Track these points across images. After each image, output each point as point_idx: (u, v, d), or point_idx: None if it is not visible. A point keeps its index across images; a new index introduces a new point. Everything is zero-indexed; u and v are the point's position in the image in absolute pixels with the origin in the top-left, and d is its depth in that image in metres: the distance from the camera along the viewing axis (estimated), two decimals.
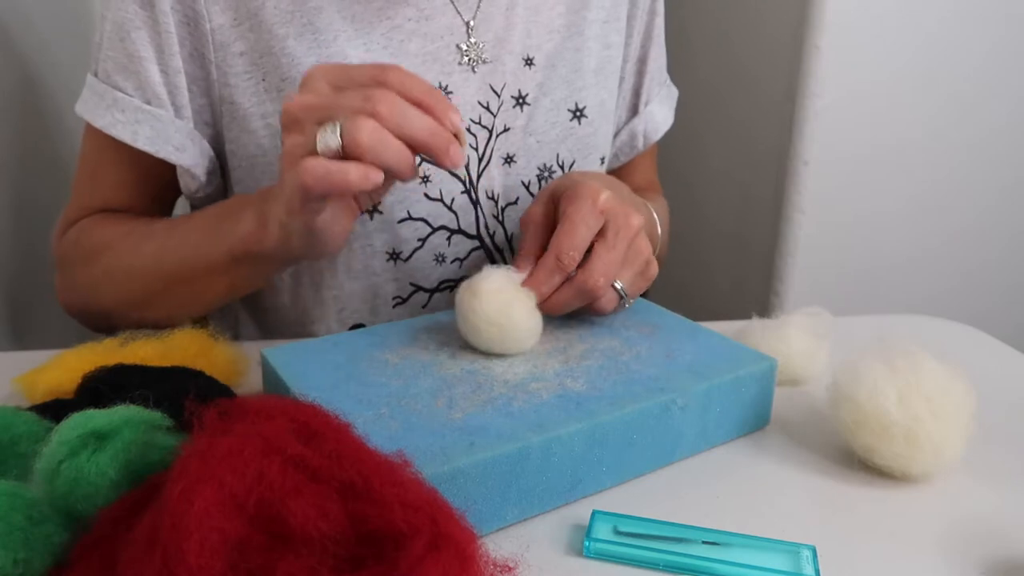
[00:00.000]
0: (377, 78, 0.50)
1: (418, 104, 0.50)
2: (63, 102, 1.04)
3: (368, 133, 0.48)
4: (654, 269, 0.61)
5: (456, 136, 0.51)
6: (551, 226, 0.59)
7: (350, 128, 0.48)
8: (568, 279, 0.56)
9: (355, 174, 0.48)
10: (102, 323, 0.71)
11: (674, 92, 0.91)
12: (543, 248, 0.58)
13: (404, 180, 0.51)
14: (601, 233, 0.57)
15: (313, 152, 0.49)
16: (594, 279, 0.56)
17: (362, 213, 0.56)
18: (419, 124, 0.49)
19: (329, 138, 0.48)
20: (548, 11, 0.76)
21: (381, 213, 0.70)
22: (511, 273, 0.56)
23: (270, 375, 0.53)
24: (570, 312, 0.58)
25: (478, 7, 0.72)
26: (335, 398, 0.48)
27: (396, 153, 0.49)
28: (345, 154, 0.49)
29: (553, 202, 0.61)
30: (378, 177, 0.49)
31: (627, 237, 0.57)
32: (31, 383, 0.54)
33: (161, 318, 0.64)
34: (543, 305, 0.56)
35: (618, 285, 0.58)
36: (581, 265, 0.57)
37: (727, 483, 0.50)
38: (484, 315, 0.53)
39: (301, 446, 0.34)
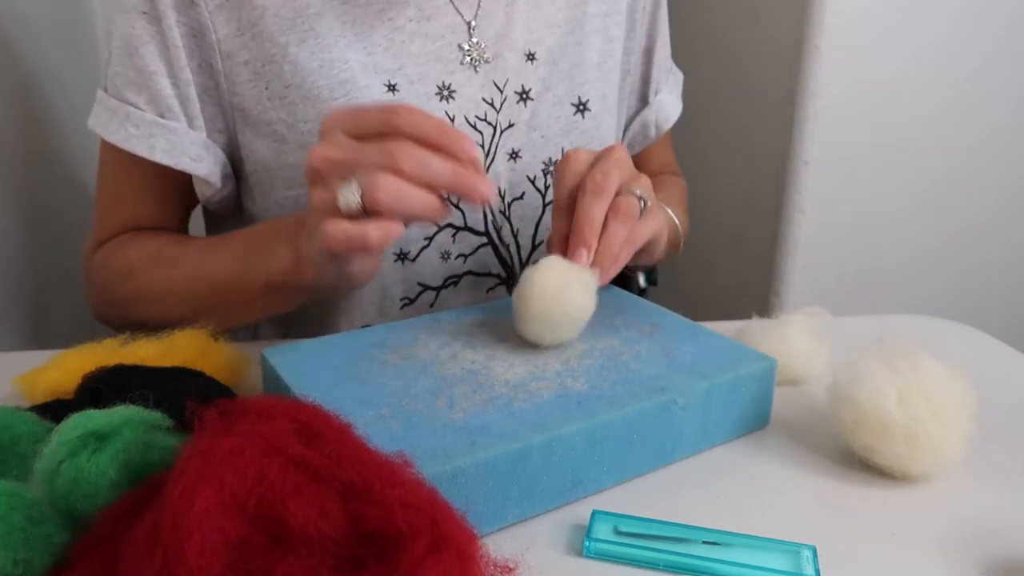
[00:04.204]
0: (389, 123, 0.50)
1: (434, 146, 0.50)
2: (66, 104, 1.04)
3: (386, 191, 0.48)
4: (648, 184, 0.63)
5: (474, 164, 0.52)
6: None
7: (369, 187, 0.49)
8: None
9: (375, 233, 0.49)
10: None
11: (679, 77, 0.92)
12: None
13: (436, 222, 0.52)
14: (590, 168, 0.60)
15: (335, 210, 0.50)
16: (595, 177, 0.58)
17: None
18: (441, 170, 0.50)
19: (349, 198, 0.49)
20: (548, 5, 0.76)
21: (408, 256, 0.72)
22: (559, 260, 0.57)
23: (270, 375, 0.53)
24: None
25: (479, 6, 0.73)
26: (335, 398, 0.47)
27: (419, 203, 0.50)
28: (366, 211, 0.49)
29: (571, 198, 0.62)
30: (399, 231, 0.50)
31: (614, 157, 0.60)
32: (31, 383, 0.54)
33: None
34: (584, 232, 0.57)
35: (634, 190, 0.59)
36: None
37: (727, 483, 0.50)
38: (538, 306, 0.53)
39: (302, 446, 0.34)
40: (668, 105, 0.89)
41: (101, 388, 0.47)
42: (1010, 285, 1.35)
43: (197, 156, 0.69)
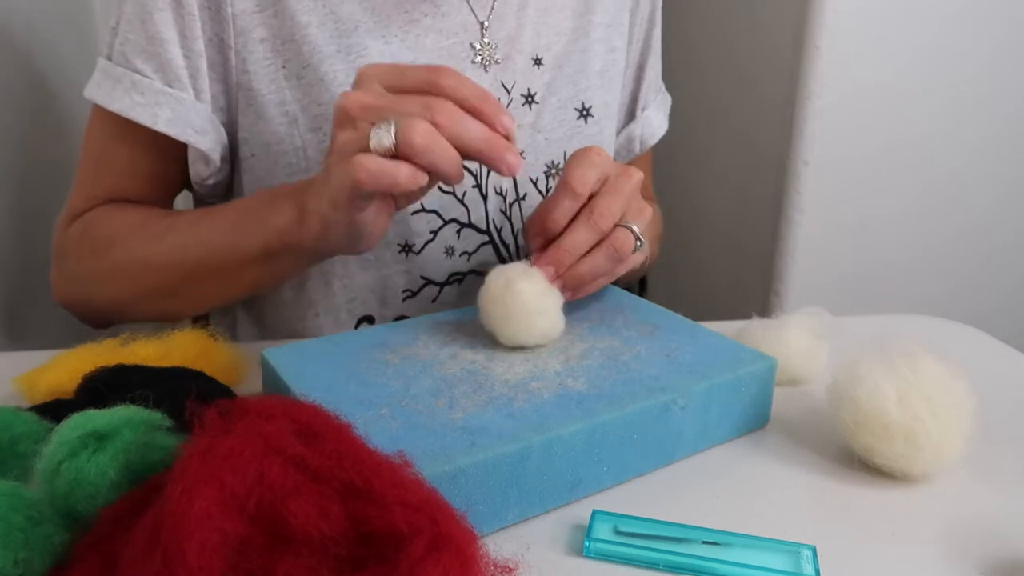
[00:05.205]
0: (431, 82, 0.51)
1: (472, 110, 0.51)
2: (68, 103, 1.04)
3: (422, 135, 0.49)
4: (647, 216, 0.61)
5: (508, 138, 0.52)
6: None
7: (405, 128, 0.49)
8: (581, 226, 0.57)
9: (404, 174, 0.49)
10: (102, 318, 0.71)
11: (668, 99, 0.93)
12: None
13: (451, 183, 0.52)
14: (604, 181, 0.58)
15: (366, 148, 0.50)
16: (599, 211, 0.57)
17: (397, 210, 0.58)
18: (475, 132, 0.50)
19: (383, 136, 0.49)
20: (556, 13, 0.77)
21: (412, 248, 0.71)
22: (523, 265, 0.57)
23: (270, 375, 0.53)
24: (578, 299, 0.59)
25: (492, 8, 0.74)
26: (335, 398, 0.48)
27: (446, 156, 0.50)
28: (397, 154, 0.49)
29: None
30: (424, 179, 0.50)
31: (629, 184, 0.59)
32: (31, 383, 0.54)
33: (169, 312, 0.64)
34: (561, 257, 0.56)
35: (632, 227, 0.58)
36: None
37: (727, 483, 0.50)
38: (492, 302, 0.54)
39: (302, 446, 0.34)
40: (654, 121, 0.90)
41: (101, 388, 0.47)
42: (1010, 285, 1.35)
43: (202, 129, 0.67)
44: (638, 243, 0.59)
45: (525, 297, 0.54)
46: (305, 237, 0.58)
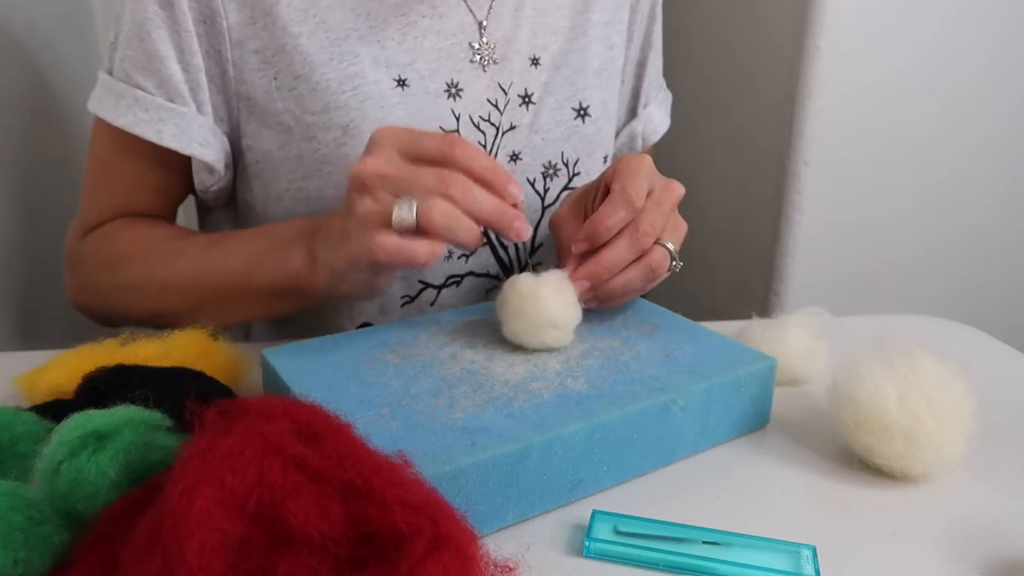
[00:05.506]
0: (445, 154, 0.53)
1: (483, 181, 0.53)
2: (69, 104, 1.04)
3: (441, 213, 0.51)
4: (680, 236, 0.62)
5: (515, 206, 0.54)
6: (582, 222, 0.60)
7: (426, 208, 0.51)
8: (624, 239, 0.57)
9: (423, 252, 0.51)
10: (119, 323, 0.73)
11: (669, 96, 0.93)
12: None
13: (468, 250, 0.54)
14: (649, 194, 0.59)
15: (387, 223, 0.52)
16: (643, 229, 0.57)
17: None
18: (487, 204, 0.53)
19: (405, 215, 0.51)
20: (553, 12, 0.77)
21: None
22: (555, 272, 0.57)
23: (270, 375, 0.53)
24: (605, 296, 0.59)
25: (490, 8, 0.74)
26: (336, 398, 0.48)
27: (466, 231, 0.52)
28: (418, 230, 0.52)
29: (583, 201, 0.62)
30: (442, 253, 0.53)
31: (671, 200, 0.59)
32: (31, 383, 0.54)
33: (186, 326, 0.65)
34: (600, 273, 0.56)
35: (668, 245, 0.59)
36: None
37: (727, 483, 0.50)
38: (516, 294, 0.55)
39: (302, 446, 0.34)
40: (656, 118, 0.90)
41: (101, 388, 0.47)
42: (1010, 285, 1.35)
43: (205, 142, 0.69)
44: (673, 264, 0.60)
45: (547, 306, 0.54)
46: (315, 284, 0.60)
